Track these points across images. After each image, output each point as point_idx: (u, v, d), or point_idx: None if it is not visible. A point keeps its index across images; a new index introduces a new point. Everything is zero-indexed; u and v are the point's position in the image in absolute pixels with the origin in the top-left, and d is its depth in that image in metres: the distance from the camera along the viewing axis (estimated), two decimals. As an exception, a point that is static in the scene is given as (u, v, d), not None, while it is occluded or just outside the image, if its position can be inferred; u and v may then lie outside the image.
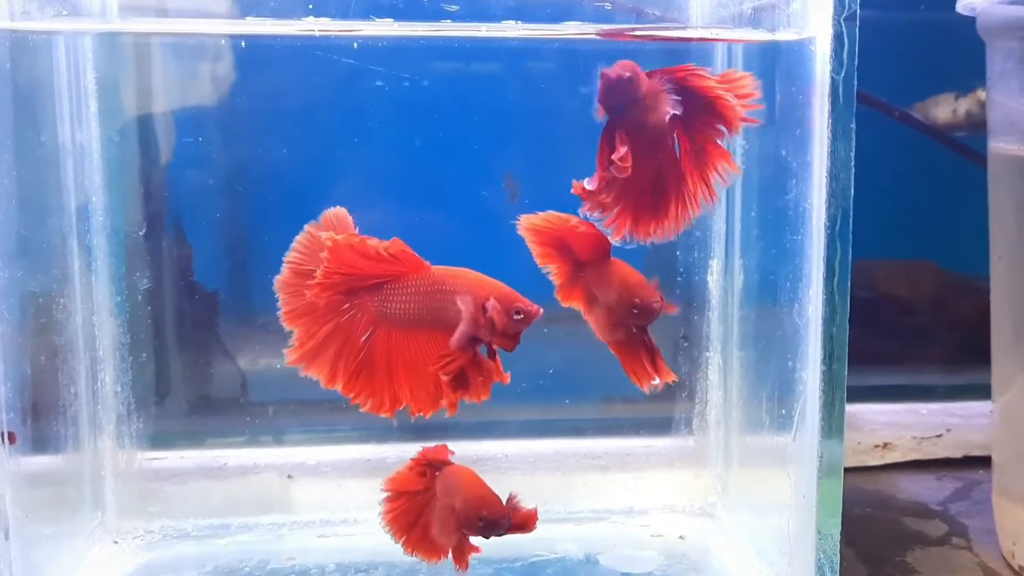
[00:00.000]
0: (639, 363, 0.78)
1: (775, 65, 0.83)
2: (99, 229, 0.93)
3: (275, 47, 0.95)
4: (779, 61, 0.82)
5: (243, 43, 0.95)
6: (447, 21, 0.84)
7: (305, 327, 0.78)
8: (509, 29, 0.86)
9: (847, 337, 0.76)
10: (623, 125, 0.74)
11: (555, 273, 0.79)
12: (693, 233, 0.98)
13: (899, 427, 1.25)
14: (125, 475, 0.96)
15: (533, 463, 1.02)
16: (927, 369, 1.35)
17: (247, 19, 0.88)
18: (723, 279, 0.98)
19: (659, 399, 1.01)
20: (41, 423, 0.84)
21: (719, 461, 1.01)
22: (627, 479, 1.02)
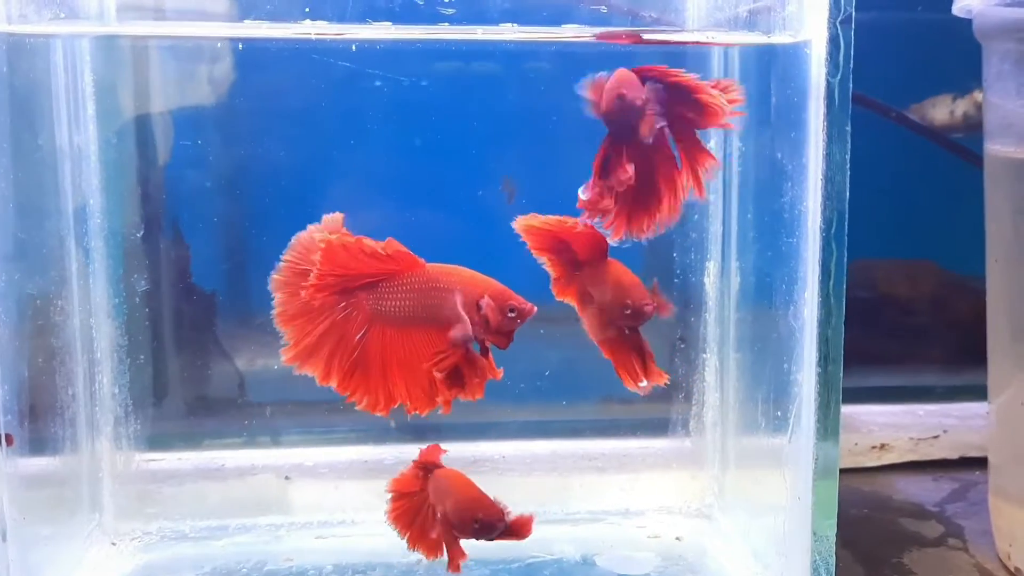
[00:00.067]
0: (629, 364, 0.79)
1: (771, 68, 0.83)
2: (97, 231, 0.93)
3: (272, 50, 0.95)
4: (775, 64, 0.82)
5: (240, 45, 0.95)
6: (444, 24, 0.84)
7: (300, 326, 0.78)
8: (506, 32, 0.86)
9: (842, 339, 0.76)
10: (625, 139, 0.75)
11: (550, 265, 0.80)
12: (690, 235, 0.99)
13: (896, 428, 1.25)
14: (123, 476, 0.97)
15: (530, 464, 1.02)
16: (926, 370, 1.35)
17: (244, 22, 0.88)
18: (719, 281, 0.98)
19: (656, 400, 1.01)
20: (39, 425, 0.84)
21: (715, 462, 1.01)
22: (624, 480, 1.02)
